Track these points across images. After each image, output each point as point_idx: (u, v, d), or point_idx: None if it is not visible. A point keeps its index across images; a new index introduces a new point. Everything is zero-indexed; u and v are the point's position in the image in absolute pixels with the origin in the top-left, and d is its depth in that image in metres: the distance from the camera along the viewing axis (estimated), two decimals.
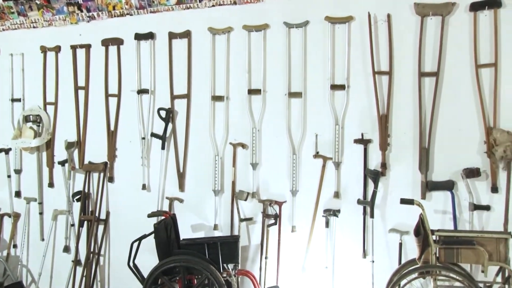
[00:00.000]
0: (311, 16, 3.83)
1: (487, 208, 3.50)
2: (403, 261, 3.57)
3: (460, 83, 3.56)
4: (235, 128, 4.03)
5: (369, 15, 3.67)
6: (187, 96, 4.12)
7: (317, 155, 3.82)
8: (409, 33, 3.64)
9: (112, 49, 4.36)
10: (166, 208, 4.16)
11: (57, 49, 4.53)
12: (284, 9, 3.88)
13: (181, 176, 4.14)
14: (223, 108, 4.03)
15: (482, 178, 3.51)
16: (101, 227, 4.38)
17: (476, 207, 3.51)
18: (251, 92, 3.96)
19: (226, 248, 3.61)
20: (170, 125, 4.14)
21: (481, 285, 3.17)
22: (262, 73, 3.93)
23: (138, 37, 4.25)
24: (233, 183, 3.99)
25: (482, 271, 3.09)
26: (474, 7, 3.49)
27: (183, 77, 4.14)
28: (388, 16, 3.66)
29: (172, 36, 4.15)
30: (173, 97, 4.16)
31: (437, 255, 3.12)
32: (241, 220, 3.94)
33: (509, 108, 3.46)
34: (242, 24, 3.96)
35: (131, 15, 4.26)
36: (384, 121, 3.66)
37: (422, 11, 3.58)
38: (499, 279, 3.23)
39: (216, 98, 4.05)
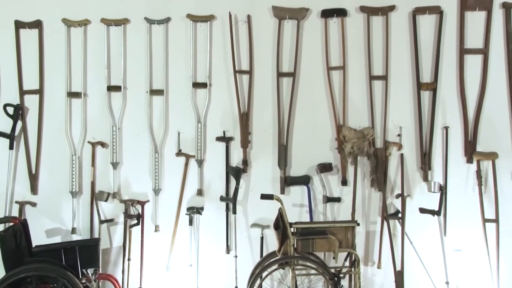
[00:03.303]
0: (173, 13, 3.81)
1: (338, 200, 3.82)
2: (264, 254, 3.71)
3: (314, 84, 3.83)
4: (94, 126, 3.86)
5: (230, 15, 3.75)
6: (40, 91, 3.83)
7: (179, 153, 3.82)
8: (268, 35, 3.81)
9: None
10: (15, 213, 3.82)
11: None
12: (145, 5, 3.82)
13: (33, 178, 3.83)
14: (80, 105, 3.83)
15: (334, 172, 3.82)
16: None
17: (329, 199, 3.80)
18: (111, 88, 3.83)
19: (85, 252, 3.45)
20: (19, 123, 3.81)
21: (332, 270, 3.41)
22: (122, 69, 3.82)
23: None
24: (92, 184, 3.82)
25: (334, 258, 3.33)
26: (325, 14, 3.77)
27: (35, 71, 3.84)
28: (248, 17, 3.79)
29: (19, 25, 3.81)
30: (23, 93, 3.83)
31: (295, 246, 3.29)
32: (101, 221, 3.78)
33: (356, 108, 3.81)
34: (101, 17, 3.80)
35: None
36: (245, 119, 3.78)
37: (279, 14, 3.76)
38: (347, 263, 3.52)
39: (72, 95, 3.83)
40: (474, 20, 3.75)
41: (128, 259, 3.74)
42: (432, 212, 3.65)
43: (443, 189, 3.68)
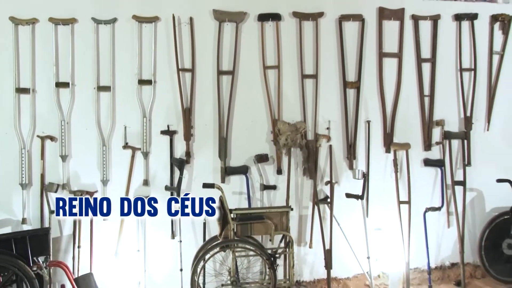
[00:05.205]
0: (119, 14, 3.89)
1: (274, 187, 4.10)
2: (207, 238, 3.91)
3: (252, 81, 4.07)
4: (42, 120, 3.87)
5: (174, 17, 3.92)
6: None
7: (126, 146, 3.94)
8: (209, 36, 4.01)
9: None
10: None
11: None
12: (93, 5, 3.88)
13: None
14: (29, 101, 3.84)
15: (270, 163, 4.10)
16: None
17: (265, 187, 4.07)
18: (59, 85, 3.86)
19: (35, 242, 3.49)
20: None
21: (269, 251, 3.70)
22: (70, 67, 3.86)
23: None
24: (42, 176, 3.86)
25: (270, 240, 3.62)
26: (261, 18, 4.02)
27: None
28: (191, 19, 3.97)
29: None
30: None
31: (235, 231, 3.53)
32: (51, 212, 3.84)
33: (289, 104, 4.11)
34: (49, 16, 3.81)
35: None
36: (187, 114, 3.96)
37: (219, 17, 3.97)
38: (282, 244, 3.84)
39: (21, 90, 3.83)
40: (390, 28, 4.16)
41: (78, 247, 3.82)
42: (356, 197, 3.99)
43: (365, 176, 4.04)
